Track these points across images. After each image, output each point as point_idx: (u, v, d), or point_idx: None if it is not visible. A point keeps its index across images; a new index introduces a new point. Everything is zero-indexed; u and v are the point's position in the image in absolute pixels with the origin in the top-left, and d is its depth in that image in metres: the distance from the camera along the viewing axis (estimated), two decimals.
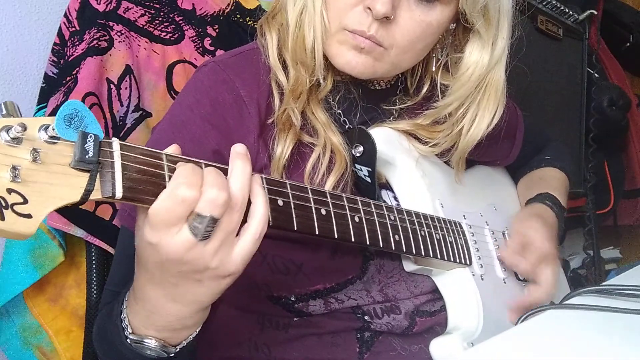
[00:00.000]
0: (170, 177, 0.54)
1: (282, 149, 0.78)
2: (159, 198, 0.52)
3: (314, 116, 0.82)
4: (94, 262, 1.02)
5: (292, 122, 0.79)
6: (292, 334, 0.82)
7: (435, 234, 0.82)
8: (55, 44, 1.05)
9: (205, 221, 0.52)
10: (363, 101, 0.87)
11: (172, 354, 0.63)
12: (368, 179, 0.81)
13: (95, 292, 1.01)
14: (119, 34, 1.06)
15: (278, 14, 0.85)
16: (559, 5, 1.76)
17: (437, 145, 0.88)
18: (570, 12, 1.82)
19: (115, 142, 0.52)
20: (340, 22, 0.77)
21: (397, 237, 0.76)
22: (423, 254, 0.80)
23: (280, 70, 0.81)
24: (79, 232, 0.98)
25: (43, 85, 1.04)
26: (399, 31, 0.78)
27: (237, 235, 0.57)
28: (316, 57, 0.78)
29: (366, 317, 0.82)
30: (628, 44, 2.26)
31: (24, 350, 1.03)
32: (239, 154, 0.57)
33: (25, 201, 0.45)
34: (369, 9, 0.74)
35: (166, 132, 0.79)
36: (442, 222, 0.85)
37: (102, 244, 1.00)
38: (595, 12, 1.92)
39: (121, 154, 0.52)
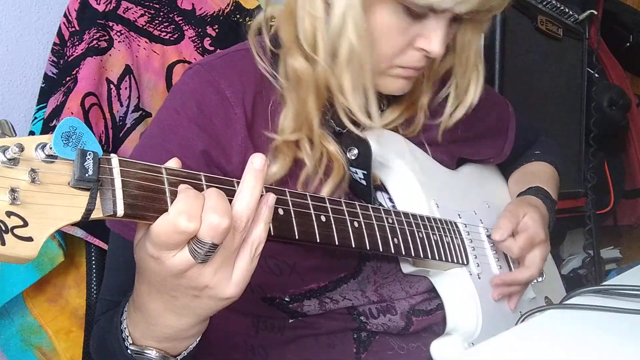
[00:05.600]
0: (170, 191, 0.53)
1: (279, 168, 0.77)
2: (160, 222, 0.51)
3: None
4: (93, 262, 1.02)
5: (300, 147, 0.78)
6: (288, 336, 0.81)
7: (433, 234, 0.82)
8: (55, 44, 1.05)
9: (206, 247, 0.51)
10: None
11: None
12: (363, 182, 0.81)
13: (95, 292, 1.01)
14: (118, 34, 1.07)
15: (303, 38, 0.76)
16: (559, 5, 1.76)
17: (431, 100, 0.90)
18: (570, 12, 1.82)
19: (114, 158, 0.51)
20: (393, 61, 0.78)
21: (395, 240, 0.76)
22: (422, 255, 0.80)
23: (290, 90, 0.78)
24: (78, 232, 0.98)
25: (43, 85, 1.04)
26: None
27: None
28: (368, 96, 0.77)
29: (362, 318, 0.82)
30: (628, 44, 2.26)
31: (24, 350, 1.03)
32: (254, 170, 0.55)
33: (26, 224, 0.44)
34: (423, 49, 0.76)
35: (154, 137, 0.78)
36: (438, 222, 0.85)
37: (101, 244, 1.00)
38: (595, 12, 1.92)
39: (120, 170, 0.50)
